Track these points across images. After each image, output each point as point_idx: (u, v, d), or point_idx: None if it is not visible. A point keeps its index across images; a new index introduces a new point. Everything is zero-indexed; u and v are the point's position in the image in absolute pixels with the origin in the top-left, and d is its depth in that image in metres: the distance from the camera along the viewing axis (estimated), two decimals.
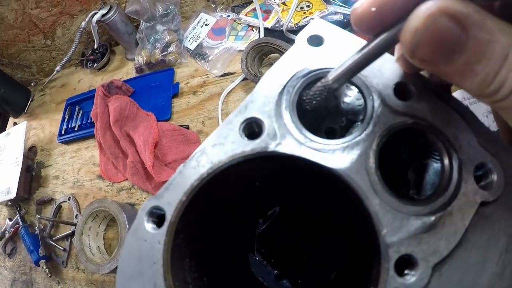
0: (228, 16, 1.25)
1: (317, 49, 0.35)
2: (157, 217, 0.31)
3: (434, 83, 0.31)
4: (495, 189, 0.28)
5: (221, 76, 1.16)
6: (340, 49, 0.34)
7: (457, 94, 0.70)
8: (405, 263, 0.27)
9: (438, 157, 0.32)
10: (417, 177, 0.34)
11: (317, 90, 0.31)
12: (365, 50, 0.26)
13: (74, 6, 1.33)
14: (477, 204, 0.27)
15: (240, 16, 1.21)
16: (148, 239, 0.30)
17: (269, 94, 0.33)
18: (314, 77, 0.33)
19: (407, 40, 0.23)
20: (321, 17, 1.13)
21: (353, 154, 0.30)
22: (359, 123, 0.34)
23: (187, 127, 1.09)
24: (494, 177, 0.28)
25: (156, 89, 1.19)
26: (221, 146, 0.32)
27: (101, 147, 1.13)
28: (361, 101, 0.34)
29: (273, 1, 1.19)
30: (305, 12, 1.14)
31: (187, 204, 0.31)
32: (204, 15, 1.27)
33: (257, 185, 0.46)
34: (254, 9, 1.20)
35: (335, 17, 1.16)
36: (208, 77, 1.18)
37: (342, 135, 0.35)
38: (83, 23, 1.26)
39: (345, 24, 1.17)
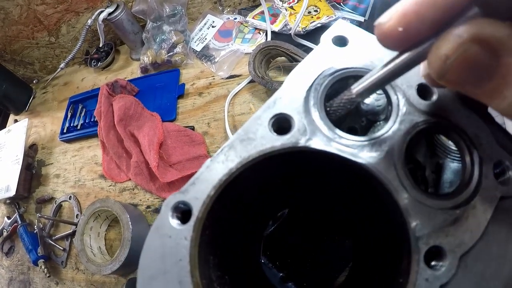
0: (235, 18, 1.26)
1: (342, 49, 0.36)
2: (182, 212, 0.31)
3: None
4: None
5: (227, 78, 1.16)
6: (363, 50, 0.35)
7: None
8: (433, 255, 0.28)
9: (455, 157, 0.34)
10: (435, 175, 0.36)
11: (341, 102, 0.32)
12: (390, 66, 0.27)
13: (80, 3, 1.33)
14: (497, 199, 0.29)
15: (247, 19, 1.21)
16: (173, 236, 0.30)
17: (297, 91, 0.33)
18: (341, 76, 0.34)
19: (435, 64, 0.23)
20: (329, 21, 1.14)
21: (381, 151, 0.31)
22: (380, 122, 0.36)
23: (193, 128, 1.09)
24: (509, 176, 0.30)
25: (161, 89, 1.19)
26: (250, 141, 0.32)
27: (104, 146, 1.12)
28: (380, 102, 0.36)
29: (281, 5, 1.20)
30: (312, 17, 1.14)
31: (215, 199, 0.30)
32: (211, 16, 1.27)
33: (274, 182, 0.46)
34: (262, 12, 1.21)
35: None
36: (214, 78, 1.18)
37: (362, 134, 0.36)
38: (89, 21, 1.27)
39: None
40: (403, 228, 0.29)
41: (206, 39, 1.24)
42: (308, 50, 1.11)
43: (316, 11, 1.15)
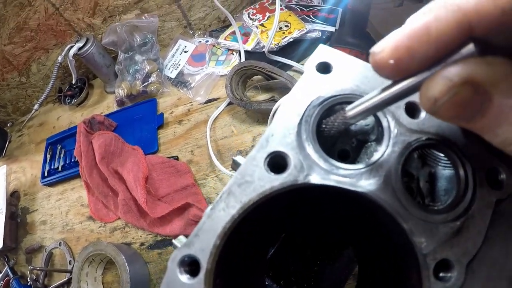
0: (207, 41, 1.27)
1: (327, 76, 0.36)
2: (189, 265, 0.31)
3: None
4: (506, 187, 0.31)
5: (205, 103, 1.18)
6: (348, 74, 0.36)
7: None
8: (441, 268, 0.30)
9: (446, 165, 0.36)
10: (429, 186, 0.37)
11: (336, 122, 0.33)
12: (384, 94, 0.28)
13: (48, 40, 1.33)
14: (493, 203, 0.31)
15: (219, 40, 1.23)
16: None
17: (288, 126, 0.34)
18: (329, 104, 0.35)
19: (425, 104, 0.24)
20: (300, 35, 1.16)
21: (379, 176, 0.32)
22: (372, 143, 0.37)
23: (176, 158, 1.10)
24: (504, 177, 0.32)
25: (140, 121, 1.19)
26: (249, 184, 0.32)
27: (89, 186, 1.12)
28: (369, 122, 0.37)
29: (251, 23, 1.21)
30: (284, 32, 1.16)
31: (221, 248, 0.31)
32: (182, 41, 1.28)
33: (274, 214, 0.47)
34: (233, 32, 1.23)
35: (314, 35, 1.19)
36: (192, 105, 1.19)
37: (354, 156, 0.38)
38: (59, 58, 1.26)
39: (323, 40, 1.21)
40: (408, 247, 0.31)
41: (179, 65, 1.25)
42: (283, 66, 1.13)
43: (287, 26, 1.17)
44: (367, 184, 0.32)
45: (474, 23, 0.22)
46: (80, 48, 1.24)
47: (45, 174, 1.26)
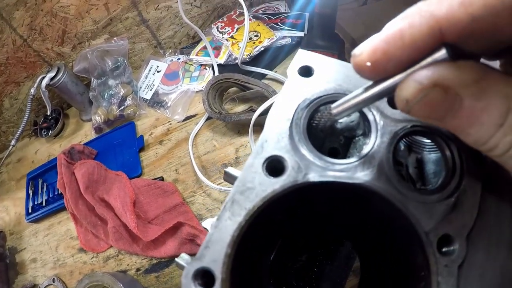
0: (179, 59, 1.28)
1: (310, 79, 0.39)
2: (202, 277, 0.32)
3: None
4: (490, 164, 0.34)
5: (184, 120, 1.19)
6: (330, 75, 0.39)
7: None
8: (443, 243, 0.33)
9: (431, 149, 0.39)
10: (418, 171, 0.40)
11: (322, 117, 0.36)
12: (365, 94, 0.30)
13: (19, 73, 1.31)
14: (481, 178, 0.34)
15: (191, 56, 1.24)
16: None
17: (280, 131, 0.36)
18: (316, 106, 0.37)
19: (399, 104, 0.26)
20: (271, 43, 1.18)
21: (373, 166, 0.34)
22: (359, 137, 0.39)
23: (162, 178, 1.10)
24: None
25: (121, 146, 1.19)
26: (251, 190, 0.34)
27: (76, 218, 1.11)
28: (353, 118, 0.39)
29: (221, 36, 1.23)
30: (254, 42, 1.18)
31: (233, 257, 0.32)
32: (154, 62, 1.29)
33: (277, 217, 0.48)
34: (204, 47, 1.24)
35: (284, 41, 1.21)
36: (171, 124, 1.19)
37: (344, 152, 0.40)
38: (32, 90, 1.24)
39: (294, 46, 1.23)
40: (410, 229, 0.33)
41: (154, 85, 1.26)
42: (257, 75, 1.15)
43: (256, 36, 1.19)
44: (362, 175, 0.34)
45: (445, 29, 0.23)
46: (52, 78, 1.23)
47: (30, 211, 1.24)
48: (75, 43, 1.26)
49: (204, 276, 0.32)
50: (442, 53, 0.24)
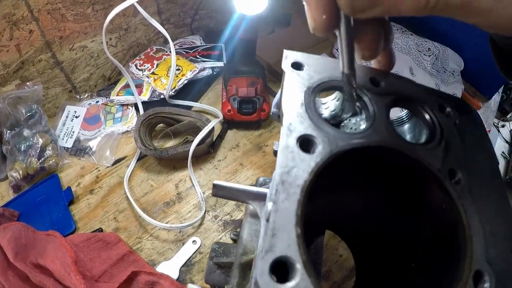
0: (97, 102, 1.23)
1: (303, 72, 0.43)
2: (277, 270, 0.29)
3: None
4: (453, 115, 0.46)
5: (113, 164, 1.13)
6: (318, 68, 0.44)
7: None
8: (451, 175, 0.40)
9: (397, 124, 0.51)
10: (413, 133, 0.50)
11: (346, 82, 0.40)
12: (343, 41, 0.36)
13: None
14: (454, 124, 0.45)
15: (112, 97, 1.20)
16: None
17: (298, 113, 0.39)
18: (320, 88, 0.42)
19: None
20: (193, 75, 1.20)
21: (380, 131, 0.41)
22: (349, 119, 0.45)
23: (101, 230, 1.03)
24: (449, 109, 0.46)
25: (46, 202, 1.09)
26: (296, 168, 0.35)
27: None
28: (333, 107, 0.46)
29: (141, 74, 1.21)
30: (177, 76, 1.19)
31: (302, 237, 0.31)
32: (70, 107, 1.21)
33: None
34: (124, 87, 1.21)
35: (205, 73, 1.25)
36: (99, 170, 1.13)
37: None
38: None
39: (215, 76, 1.27)
40: (425, 171, 0.40)
41: (73, 132, 1.18)
42: (185, 107, 1.15)
43: (178, 69, 1.20)
44: (378, 138, 0.40)
45: None
46: None
47: None
48: None
49: (279, 267, 0.29)
50: None
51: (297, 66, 0.44)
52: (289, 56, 0.44)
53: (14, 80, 1.07)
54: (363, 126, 0.42)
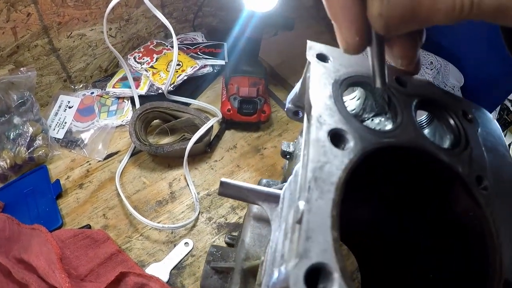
0: (92, 93, 1.19)
1: (329, 65, 0.41)
2: (313, 277, 0.25)
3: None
4: (475, 122, 0.45)
5: (105, 159, 1.09)
6: (343, 61, 0.42)
7: None
8: (478, 181, 0.39)
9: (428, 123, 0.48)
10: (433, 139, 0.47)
11: (378, 95, 0.40)
12: (375, 58, 0.35)
13: None
14: (477, 130, 0.44)
15: (108, 89, 1.16)
16: None
17: (328, 107, 0.37)
18: (348, 82, 0.40)
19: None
20: (194, 71, 1.17)
21: (408, 130, 0.39)
22: (370, 119, 0.44)
23: (89, 226, 0.98)
24: (472, 115, 0.45)
25: (33, 194, 1.04)
26: (329, 164, 0.31)
27: None
28: (353, 107, 0.45)
29: (140, 67, 1.18)
30: (177, 71, 1.16)
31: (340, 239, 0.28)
32: (64, 97, 1.17)
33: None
34: (121, 79, 1.17)
35: (205, 70, 1.21)
36: (90, 164, 1.09)
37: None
38: None
39: (215, 74, 1.24)
40: (453, 175, 0.39)
41: (66, 123, 1.13)
42: (183, 104, 1.12)
43: (179, 65, 1.17)
44: (407, 138, 0.38)
45: None
46: None
47: None
48: None
49: (313, 275, 0.25)
50: None
51: (322, 57, 0.41)
52: (313, 47, 0.42)
53: (8, 65, 1.02)
54: (389, 126, 0.40)
